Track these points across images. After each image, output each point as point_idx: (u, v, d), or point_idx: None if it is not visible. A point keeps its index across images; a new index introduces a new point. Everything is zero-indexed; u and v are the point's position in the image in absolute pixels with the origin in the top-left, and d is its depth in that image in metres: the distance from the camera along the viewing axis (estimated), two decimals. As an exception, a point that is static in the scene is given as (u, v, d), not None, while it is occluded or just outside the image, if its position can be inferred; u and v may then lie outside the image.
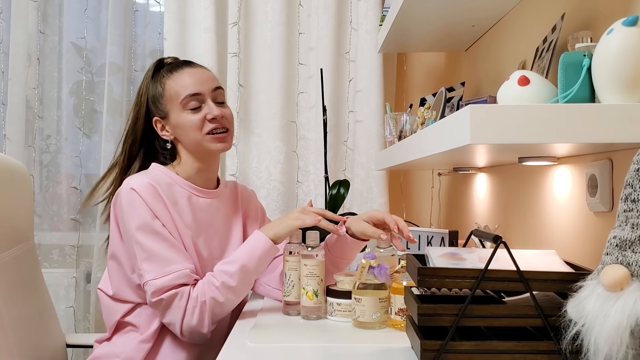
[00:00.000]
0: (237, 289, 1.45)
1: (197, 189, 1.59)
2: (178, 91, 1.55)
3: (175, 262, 1.43)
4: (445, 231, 1.80)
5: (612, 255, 0.81)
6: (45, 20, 2.55)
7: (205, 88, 1.56)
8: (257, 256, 1.46)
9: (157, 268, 1.43)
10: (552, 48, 1.16)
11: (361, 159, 2.35)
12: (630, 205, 0.81)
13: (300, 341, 1.28)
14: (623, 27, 0.87)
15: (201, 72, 1.60)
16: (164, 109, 1.57)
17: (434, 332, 1.01)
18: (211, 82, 1.59)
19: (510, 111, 0.87)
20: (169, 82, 1.56)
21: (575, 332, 0.81)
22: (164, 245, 1.45)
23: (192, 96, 1.54)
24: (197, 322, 1.42)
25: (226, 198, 1.67)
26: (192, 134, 1.55)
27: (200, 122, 1.54)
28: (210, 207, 1.60)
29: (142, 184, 1.47)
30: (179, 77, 1.56)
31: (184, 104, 1.54)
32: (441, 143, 1.06)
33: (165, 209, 1.48)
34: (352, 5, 2.35)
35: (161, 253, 1.44)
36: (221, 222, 1.62)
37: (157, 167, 1.58)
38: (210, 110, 1.54)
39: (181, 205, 1.54)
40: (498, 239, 0.98)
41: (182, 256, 1.45)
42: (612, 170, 1.08)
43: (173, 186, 1.54)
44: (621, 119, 0.86)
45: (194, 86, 1.55)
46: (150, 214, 1.46)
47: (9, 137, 2.40)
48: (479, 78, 1.85)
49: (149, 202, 1.46)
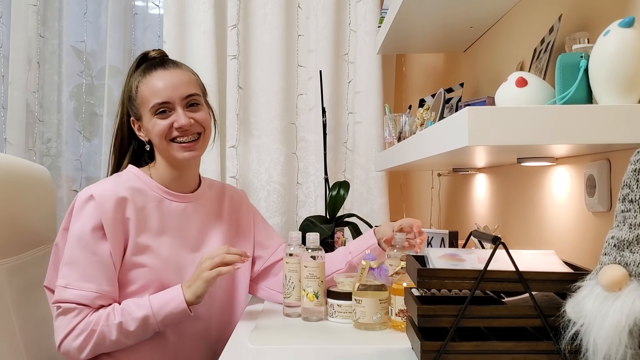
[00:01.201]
0: (133, 335, 1.40)
1: (169, 193, 1.54)
2: (148, 97, 1.50)
3: (93, 282, 1.40)
4: (445, 232, 1.81)
5: (610, 255, 0.81)
6: (44, 24, 2.55)
7: (175, 95, 1.49)
8: (165, 314, 1.40)
9: (73, 278, 1.41)
10: (550, 49, 1.16)
11: (361, 160, 2.35)
12: (627, 206, 0.81)
13: (301, 343, 1.28)
14: (619, 28, 0.88)
15: (175, 75, 1.52)
16: (137, 111, 1.54)
17: (434, 333, 1.01)
18: (183, 88, 1.51)
19: (508, 113, 0.88)
20: (141, 86, 1.52)
21: (574, 332, 0.81)
22: (90, 259, 1.41)
23: (161, 104, 1.49)
24: (77, 347, 1.39)
25: (207, 202, 1.62)
26: (157, 139, 1.51)
27: (166, 128, 1.49)
28: (183, 212, 1.55)
29: (104, 195, 1.44)
30: (150, 81, 1.51)
31: (153, 111, 1.49)
32: (440, 145, 1.06)
33: (118, 222, 1.44)
34: (351, 7, 2.36)
35: (84, 266, 1.41)
36: (196, 228, 1.57)
37: (131, 169, 1.55)
38: (177, 118, 1.49)
39: (148, 210, 1.50)
40: (497, 240, 0.98)
41: (102, 277, 1.41)
42: (610, 170, 1.08)
43: (143, 190, 1.51)
44: (618, 119, 0.86)
45: (163, 92, 1.49)
46: (93, 225, 1.41)
47: (10, 141, 2.41)
48: (478, 79, 1.86)
49: (101, 212, 1.42)
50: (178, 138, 1.50)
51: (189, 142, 1.51)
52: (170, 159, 1.53)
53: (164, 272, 1.47)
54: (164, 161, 1.55)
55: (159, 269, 1.47)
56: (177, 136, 1.50)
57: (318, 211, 2.28)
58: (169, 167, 1.55)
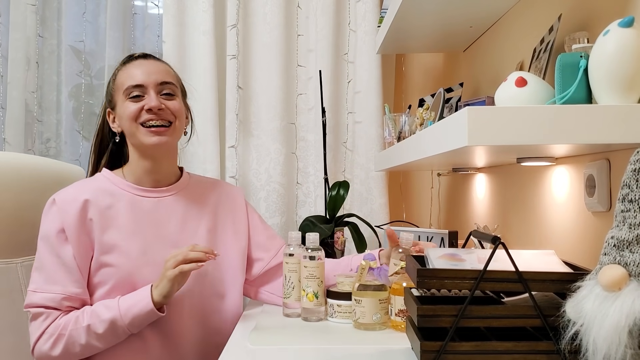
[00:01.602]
0: (103, 338, 1.39)
1: (141, 189, 1.53)
2: (123, 81, 1.52)
3: (58, 284, 1.41)
4: (445, 232, 1.81)
5: (610, 255, 0.81)
6: (43, 24, 2.55)
7: (150, 80, 1.51)
8: (132, 315, 1.38)
9: (41, 281, 1.42)
10: (549, 49, 1.16)
11: (360, 160, 2.35)
12: (627, 206, 0.81)
13: (301, 343, 1.28)
14: (619, 28, 0.88)
15: (153, 64, 1.55)
16: (111, 99, 1.55)
17: (433, 333, 1.01)
18: (159, 75, 1.53)
19: (508, 112, 0.88)
20: (120, 74, 1.54)
21: (574, 332, 0.81)
22: (55, 262, 1.42)
23: (135, 87, 1.49)
24: (49, 349, 1.39)
25: (188, 195, 1.59)
26: (127, 123, 1.50)
27: (137, 111, 1.49)
28: (157, 207, 1.53)
29: (65, 199, 1.45)
30: (129, 68, 1.54)
31: (127, 94, 1.50)
32: (439, 145, 1.06)
33: (80, 224, 1.43)
34: (351, 6, 2.36)
35: (50, 269, 1.42)
36: (175, 223, 1.54)
37: (103, 173, 1.55)
38: (149, 101, 1.49)
39: (116, 210, 1.48)
40: (496, 240, 0.98)
41: (69, 279, 1.41)
42: (610, 170, 1.08)
43: (111, 190, 1.50)
44: (618, 119, 0.86)
45: (139, 76, 1.51)
46: (57, 228, 1.43)
47: (9, 141, 2.41)
48: (478, 79, 1.86)
49: (62, 216, 1.43)
50: (147, 122, 1.49)
51: (158, 127, 1.49)
52: (141, 147, 1.51)
53: (137, 271, 1.44)
54: (136, 152, 1.54)
55: (129, 267, 1.44)
56: (146, 119, 1.48)
57: (318, 211, 2.28)
58: (140, 160, 1.53)
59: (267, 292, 1.66)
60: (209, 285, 1.54)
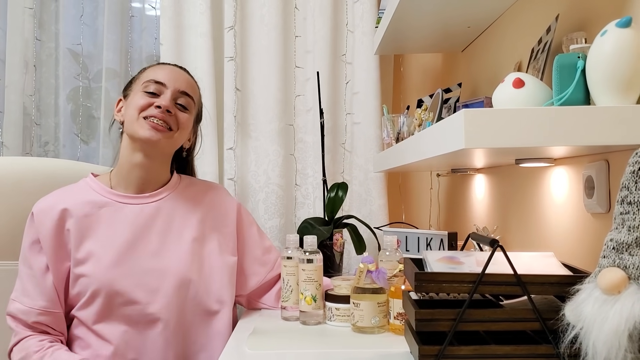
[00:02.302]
0: None
1: (123, 197, 1.51)
2: (147, 75, 1.55)
3: (30, 296, 1.43)
4: (445, 233, 1.80)
5: (609, 258, 0.80)
6: (41, 27, 2.54)
7: (171, 83, 1.53)
8: None
9: (19, 291, 1.45)
10: (547, 49, 1.15)
11: (359, 161, 2.34)
12: (626, 208, 0.80)
13: (299, 347, 1.27)
14: (616, 28, 0.87)
15: (182, 74, 1.59)
16: (128, 88, 1.57)
17: (432, 336, 1.00)
18: (183, 83, 1.55)
19: (505, 114, 0.87)
20: (148, 69, 1.58)
21: (574, 335, 0.81)
22: (28, 274, 1.44)
23: (155, 82, 1.51)
24: None
25: (175, 203, 1.55)
26: (131, 111, 1.50)
27: (146, 105, 1.49)
28: (139, 215, 1.50)
29: (43, 209, 1.46)
30: (158, 67, 1.58)
31: (144, 86, 1.51)
32: (437, 147, 1.05)
33: (57, 235, 1.43)
34: (348, 7, 2.35)
35: (25, 281, 1.45)
36: (158, 231, 1.50)
37: (87, 179, 1.55)
38: (161, 100, 1.50)
39: (96, 218, 1.46)
40: (495, 243, 0.97)
41: (38, 292, 1.43)
42: (609, 171, 1.07)
43: (94, 200, 1.49)
44: (616, 120, 0.85)
45: (163, 75, 1.53)
46: (31, 240, 1.45)
47: (6, 145, 2.40)
48: (476, 79, 1.85)
49: (38, 227, 1.44)
50: (150, 116, 1.48)
51: (158, 124, 1.48)
52: (133, 138, 1.49)
53: (115, 281, 1.42)
54: (128, 146, 1.52)
55: (105, 277, 1.41)
56: (150, 114, 1.48)
57: (316, 213, 2.27)
58: (130, 155, 1.51)
59: (265, 305, 1.64)
60: (191, 299, 1.48)
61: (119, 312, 1.42)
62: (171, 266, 1.46)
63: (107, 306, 1.42)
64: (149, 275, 1.44)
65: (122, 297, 1.42)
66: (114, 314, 1.42)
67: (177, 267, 1.47)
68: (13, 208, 1.64)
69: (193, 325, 1.48)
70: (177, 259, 1.48)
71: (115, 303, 1.42)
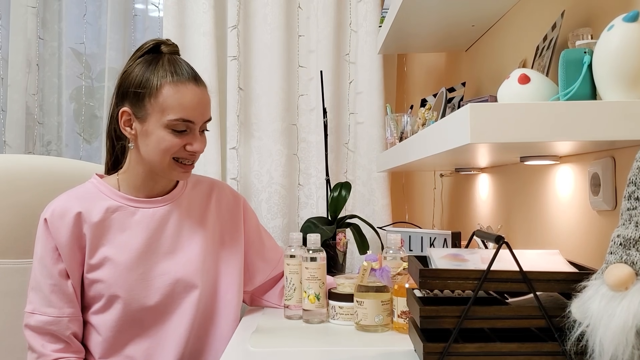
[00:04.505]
0: None
1: (134, 200, 1.46)
2: (173, 106, 1.37)
3: (55, 306, 1.39)
4: (448, 232, 1.79)
5: (616, 254, 0.80)
6: (44, 26, 2.55)
7: (200, 119, 1.41)
8: None
9: (38, 303, 1.40)
10: (553, 46, 1.15)
11: (362, 161, 2.33)
12: (633, 203, 0.79)
13: (303, 345, 1.27)
14: (623, 23, 0.86)
15: (204, 95, 1.44)
16: (144, 108, 1.39)
17: (437, 334, 1.00)
18: (207, 110, 1.45)
19: (511, 109, 0.86)
20: (168, 89, 1.37)
21: (580, 332, 0.80)
22: (50, 284, 1.40)
23: (185, 122, 1.38)
24: None
25: (186, 203, 1.52)
26: (160, 154, 1.40)
27: (178, 148, 1.40)
28: (151, 219, 1.46)
29: (57, 214, 1.41)
30: (181, 91, 1.38)
31: (172, 125, 1.38)
32: (441, 143, 1.04)
33: (74, 240, 1.40)
34: (352, 7, 2.35)
35: (47, 292, 1.40)
36: (170, 232, 1.47)
37: (93, 180, 1.49)
38: (193, 141, 1.41)
39: (109, 223, 1.43)
40: (500, 240, 0.97)
41: (62, 300, 1.40)
42: (615, 168, 1.07)
43: (105, 203, 1.44)
44: (623, 115, 0.85)
45: (192, 111, 1.39)
46: (49, 248, 1.40)
47: (9, 144, 2.40)
48: (480, 78, 1.84)
49: (55, 234, 1.40)
50: (183, 160, 1.43)
51: (191, 164, 1.45)
52: (155, 170, 1.44)
53: (129, 286, 1.40)
54: (142, 167, 1.45)
55: (120, 282, 1.40)
56: (184, 157, 1.42)
57: (319, 212, 2.27)
58: (143, 174, 1.46)
59: (265, 300, 1.64)
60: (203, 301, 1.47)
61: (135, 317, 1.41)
62: (184, 269, 1.45)
63: (124, 312, 1.40)
64: (163, 279, 1.43)
65: (138, 302, 1.41)
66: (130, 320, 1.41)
67: (190, 270, 1.45)
68: (13, 206, 1.64)
69: (202, 326, 1.48)
70: (190, 261, 1.46)
71: (131, 308, 1.41)
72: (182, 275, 1.44)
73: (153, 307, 1.42)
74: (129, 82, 1.42)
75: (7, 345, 1.55)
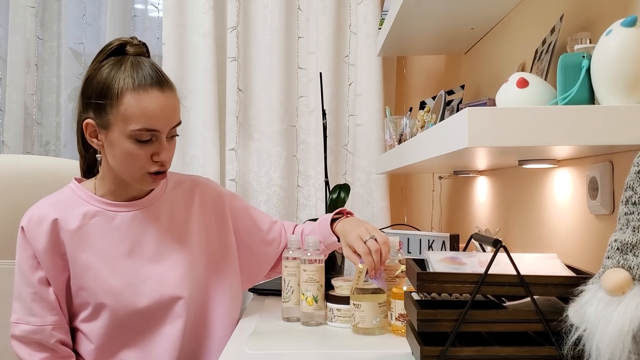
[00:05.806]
0: None
1: (112, 205, 1.41)
2: (135, 116, 1.29)
3: (37, 315, 1.37)
4: (446, 235, 1.79)
5: (613, 258, 0.80)
6: (43, 26, 2.54)
7: (166, 126, 1.32)
8: None
9: (21, 312, 1.39)
10: (551, 50, 1.15)
11: (361, 163, 2.34)
12: (631, 208, 0.80)
13: (300, 348, 1.27)
14: (622, 27, 0.86)
15: (169, 101, 1.33)
16: (107, 119, 1.31)
17: (434, 337, 0.99)
18: (174, 115, 1.35)
19: (509, 113, 0.87)
20: (130, 97, 1.28)
21: (577, 337, 0.80)
22: (31, 293, 1.37)
23: (149, 131, 1.30)
24: None
25: (167, 204, 1.46)
26: (126, 165, 1.34)
27: (144, 160, 1.32)
28: (131, 223, 1.41)
29: (33, 222, 1.37)
30: (143, 99, 1.29)
31: (134, 134, 1.30)
32: (440, 146, 1.05)
33: (52, 247, 1.36)
34: (351, 9, 2.35)
35: (29, 301, 1.38)
36: (153, 236, 1.42)
37: (71, 185, 1.44)
38: (160, 150, 1.33)
39: (88, 228, 1.38)
40: (498, 243, 0.97)
41: (44, 308, 1.37)
42: (613, 172, 1.07)
43: (83, 208, 1.39)
44: (621, 120, 0.85)
45: (156, 120, 1.30)
46: (27, 257, 1.37)
47: (7, 144, 2.40)
48: (479, 81, 1.84)
49: (32, 241, 1.36)
50: (154, 171, 1.35)
51: (162, 173, 1.37)
52: (127, 180, 1.39)
53: (115, 292, 1.37)
54: (114, 174, 1.39)
55: (105, 290, 1.37)
56: (155, 170, 1.35)
57: (318, 214, 2.27)
58: (117, 180, 1.40)
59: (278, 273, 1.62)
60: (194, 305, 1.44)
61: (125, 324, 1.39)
62: (170, 279, 1.42)
63: (112, 319, 1.37)
64: (151, 283, 1.40)
65: (127, 308, 1.37)
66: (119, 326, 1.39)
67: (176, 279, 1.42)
68: (12, 206, 1.63)
69: (196, 330, 1.46)
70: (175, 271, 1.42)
71: (120, 315, 1.38)
72: (167, 284, 1.40)
73: (143, 310, 1.38)
74: (91, 91, 1.34)
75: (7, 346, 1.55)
